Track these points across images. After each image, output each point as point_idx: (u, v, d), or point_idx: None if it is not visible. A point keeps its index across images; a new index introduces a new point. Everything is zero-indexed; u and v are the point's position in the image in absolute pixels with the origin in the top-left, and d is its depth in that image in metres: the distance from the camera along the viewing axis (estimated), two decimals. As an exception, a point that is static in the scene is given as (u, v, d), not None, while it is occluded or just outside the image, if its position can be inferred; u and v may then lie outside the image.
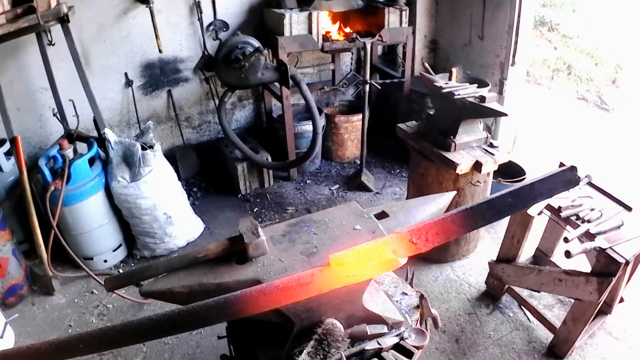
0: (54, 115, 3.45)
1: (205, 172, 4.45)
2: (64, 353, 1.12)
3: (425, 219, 1.67)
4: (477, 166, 2.84)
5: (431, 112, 3.24)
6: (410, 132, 3.19)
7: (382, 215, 1.69)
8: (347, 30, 4.29)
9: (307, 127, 4.26)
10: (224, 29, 4.12)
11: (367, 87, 3.85)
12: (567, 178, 1.20)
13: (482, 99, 2.75)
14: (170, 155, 4.07)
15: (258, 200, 4.15)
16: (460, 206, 1.17)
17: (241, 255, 1.51)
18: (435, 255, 3.31)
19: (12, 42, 2.98)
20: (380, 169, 4.59)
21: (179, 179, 3.65)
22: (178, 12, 3.94)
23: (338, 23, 4.33)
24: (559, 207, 2.36)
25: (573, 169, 1.20)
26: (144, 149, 3.19)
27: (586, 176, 2.59)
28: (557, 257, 2.95)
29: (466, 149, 2.96)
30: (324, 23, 4.07)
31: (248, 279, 1.43)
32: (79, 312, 3.03)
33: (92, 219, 3.21)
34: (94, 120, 3.31)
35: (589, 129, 5.36)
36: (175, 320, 1.09)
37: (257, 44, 3.48)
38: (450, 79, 3.23)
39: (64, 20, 2.95)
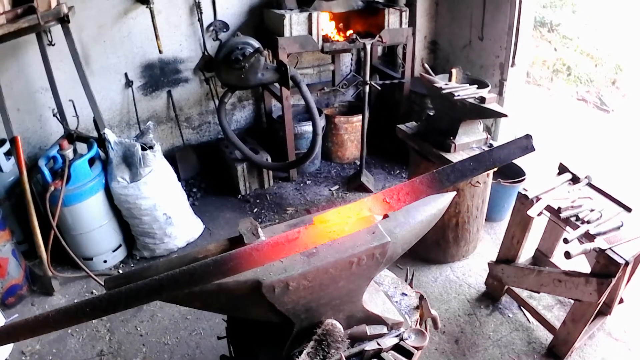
0: (54, 115, 3.45)
1: (205, 173, 4.45)
2: (72, 319, 1.20)
3: (425, 220, 1.68)
4: (477, 167, 2.84)
5: (431, 113, 3.24)
6: (410, 133, 3.19)
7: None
8: (347, 31, 4.29)
9: (307, 127, 4.26)
10: (224, 30, 4.13)
11: (367, 88, 3.86)
12: (523, 145, 1.33)
13: (482, 99, 2.75)
14: (170, 156, 4.08)
15: (258, 200, 4.15)
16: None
17: (241, 256, 1.51)
18: (435, 256, 3.31)
19: (12, 42, 2.98)
20: (380, 169, 4.60)
21: (179, 179, 3.65)
22: (178, 12, 3.94)
23: (338, 24, 4.34)
24: (559, 208, 2.36)
25: (528, 137, 1.33)
26: (143, 149, 3.19)
27: (586, 177, 2.59)
28: (557, 258, 2.95)
29: (466, 149, 2.96)
30: (324, 24, 4.07)
31: (248, 279, 1.43)
32: (79, 313, 3.02)
33: (91, 220, 3.21)
34: (94, 121, 3.32)
35: (588, 130, 5.36)
36: (177, 279, 1.17)
37: (257, 44, 3.48)
38: (450, 79, 3.23)
39: (64, 21, 2.96)
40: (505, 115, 2.81)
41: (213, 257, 1.22)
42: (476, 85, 3.03)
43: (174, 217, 3.38)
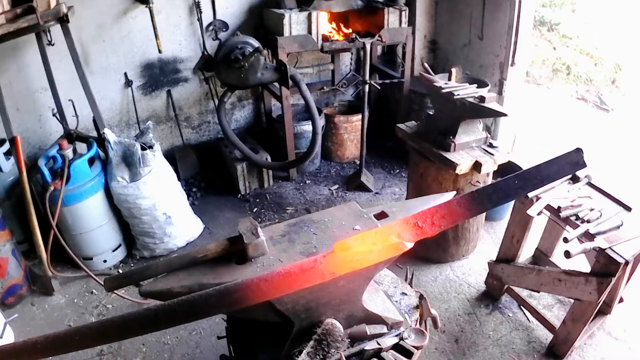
0: (54, 115, 3.45)
1: (205, 172, 4.45)
2: (61, 347, 1.10)
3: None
4: (477, 166, 2.84)
5: (431, 113, 3.24)
6: (410, 132, 3.19)
7: (381, 216, 1.69)
8: (347, 30, 4.29)
9: (307, 127, 4.26)
10: (224, 29, 4.12)
11: (367, 87, 3.86)
12: (573, 160, 1.17)
13: (482, 99, 2.75)
14: (170, 156, 4.07)
15: (257, 200, 4.15)
16: None
17: (241, 256, 1.51)
18: (435, 256, 3.31)
19: (11, 42, 2.98)
20: (379, 169, 4.59)
21: (179, 179, 3.65)
22: (178, 12, 3.94)
23: (338, 23, 4.34)
24: (559, 207, 2.36)
25: (579, 150, 1.17)
26: (143, 149, 3.19)
27: (586, 176, 2.59)
28: (557, 257, 2.95)
29: (466, 149, 2.96)
30: (324, 23, 4.07)
31: (247, 279, 1.43)
32: (79, 312, 3.03)
33: (91, 219, 3.21)
34: (94, 121, 3.31)
35: (588, 129, 5.36)
36: (175, 310, 1.07)
37: (256, 44, 3.48)
38: (449, 79, 3.23)
39: (63, 20, 2.95)
40: (505, 115, 2.81)
41: (216, 287, 1.10)
42: (476, 85, 3.03)
43: (173, 216, 3.38)
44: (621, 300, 2.77)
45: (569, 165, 1.19)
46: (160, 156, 3.35)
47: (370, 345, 1.48)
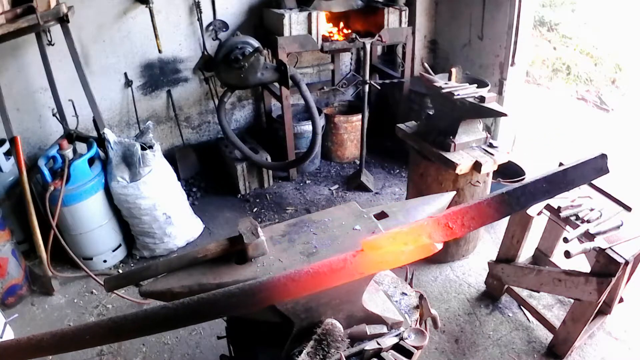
0: (54, 115, 3.45)
1: (205, 172, 4.45)
2: (68, 345, 1.06)
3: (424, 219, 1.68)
4: (477, 166, 2.84)
5: (431, 113, 3.24)
6: (410, 132, 3.19)
7: (381, 216, 1.69)
8: (347, 30, 4.29)
9: (307, 127, 4.26)
10: (224, 29, 4.12)
11: (367, 87, 3.86)
12: (598, 166, 1.18)
13: (482, 99, 2.75)
14: (170, 156, 4.07)
15: (257, 200, 4.15)
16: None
17: (241, 256, 1.51)
18: (435, 255, 3.28)
19: (11, 42, 2.98)
20: (379, 169, 4.59)
21: (179, 179, 3.65)
22: (177, 12, 3.94)
23: (338, 23, 4.33)
24: (559, 207, 2.36)
25: (604, 156, 1.17)
26: (143, 149, 3.19)
27: (586, 176, 2.58)
28: (557, 257, 2.95)
29: (466, 149, 2.96)
30: (324, 23, 4.07)
31: (248, 279, 1.42)
32: (79, 312, 3.03)
33: (91, 219, 3.21)
34: (94, 121, 3.31)
35: (588, 129, 5.36)
36: (195, 309, 1.03)
37: (256, 44, 3.48)
38: (449, 79, 3.23)
39: (63, 20, 2.95)
40: (505, 115, 2.81)
41: (238, 285, 1.06)
42: (476, 85, 3.03)
43: (173, 216, 3.38)
44: (621, 300, 2.77)
45: (593, 170, 1.19)
46: (160, 156, 3.35)
47: (370, 345, 1.48)
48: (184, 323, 1.05)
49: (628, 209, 2.38)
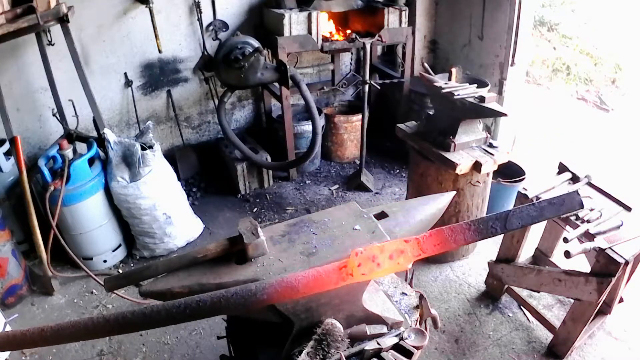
0: (54, 115, 3.45)
1: (205, 173, 4.45)
2: (68, 337, 1.10)
3: (424, 219, 1.68)
4: (477, 166, 2.84)
5: (431, 112, 3.24)
6: (410, 132, 3.19)
7: (381, 216, 1.69)
8: (347, 30, 4.29)
9: (307, 127, 4.26)
10: (224, 29, 4.12)
11: (367, 87, 3.86)
12: (573, 203, 1.21)
13: (482, 99, 2.75)
14: (170, 156, 4.07)
15: (257, 200, 4.15)
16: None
17: (241, 256, 1.51)
18: (435, 255, 3.31)
19: (12, 42, 2.98)
20: (379, 169, 4.59)
21: (179, 179, 3.64)
22: (177, 12, 3.94)
23: (338, 23, 4.34)
24: (559, 207, 2.35)
25: (577, 194, 1.23)
26: (143, 149, 3.19)
27: (586, 176, 2.59)
28: (557, 257, 2.95)
29: (466, 149, 2.96)
30: (324, 23, 4.07)
31: (247, 279, 1.43)
32: (79, 313, 3.03)
33: (91, 219, 3.21)
34: (94, 121, 3.31)
35: (588, 129, 5.37)
36: (201, 308, 1.07)
37: (256, 44, 3.48)
38: (449, 79, 3.23)
39: (63, 20, 2.95)
40: (505, 115, 2.82)
41: (243, 285, 1.09)
42: (476, 85, 3.03)
43: (173, 216, 3.38)
44: (621, 300, 2.77)
45: (566, 208, 1.22)
46: (160, 156, 3.35)
47: (370, 345, 1.48)
48: (192, 317, 1.09)
49: (628, 209, 2.38)
